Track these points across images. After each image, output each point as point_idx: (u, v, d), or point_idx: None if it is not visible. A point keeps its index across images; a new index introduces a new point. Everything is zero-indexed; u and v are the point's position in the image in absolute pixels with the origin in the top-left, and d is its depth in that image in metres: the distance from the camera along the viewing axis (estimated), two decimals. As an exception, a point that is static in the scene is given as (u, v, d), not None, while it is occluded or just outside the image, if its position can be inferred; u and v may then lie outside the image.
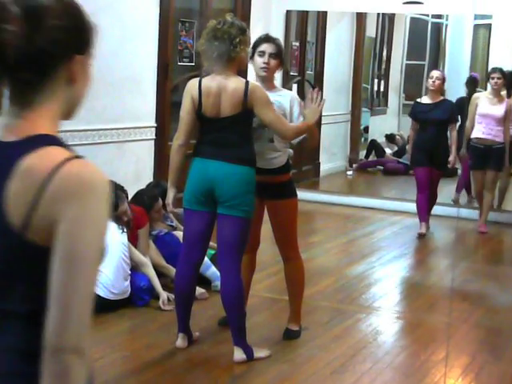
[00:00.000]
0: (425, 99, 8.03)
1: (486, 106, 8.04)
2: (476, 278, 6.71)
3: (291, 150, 4.93)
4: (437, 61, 12.08)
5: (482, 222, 8.09)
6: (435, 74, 7.93)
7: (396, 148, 11.96)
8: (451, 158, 7.84)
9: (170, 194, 4.55)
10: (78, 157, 1.43)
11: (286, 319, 4.87)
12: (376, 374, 4.44)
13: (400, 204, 8.94)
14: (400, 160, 11.20)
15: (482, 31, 11.19)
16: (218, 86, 4.26)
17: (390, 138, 12.14)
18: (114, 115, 6.91)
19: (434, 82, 7.73)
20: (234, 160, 4.22)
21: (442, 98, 7.85)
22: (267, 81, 4.60)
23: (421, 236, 7.79)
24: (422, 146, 7.85)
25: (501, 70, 8.10)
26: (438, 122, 7.73)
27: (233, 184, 4.21)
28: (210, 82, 4.29)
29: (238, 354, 4.42)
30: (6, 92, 1.48)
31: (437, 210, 7.84)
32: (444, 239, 7.90)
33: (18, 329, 1.44)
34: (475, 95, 8.41)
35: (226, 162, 4.21)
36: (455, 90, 9.92)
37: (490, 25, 10.89)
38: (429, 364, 4.61)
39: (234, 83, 4.24)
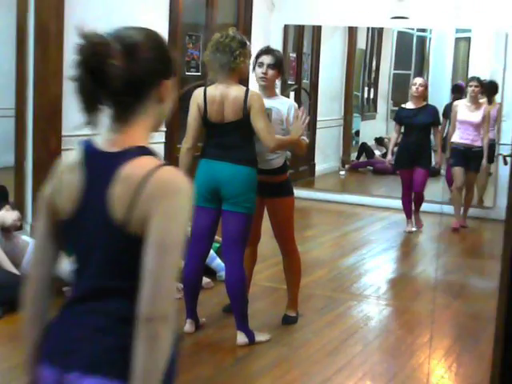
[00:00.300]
0: (409, 105, 7.88)
1: (465, 112, 7.94)
2: (457, 269, 6.73)
3: (289, 153, 4.94)
4: (421, 70, 12.08)
5: (459, 218, 8.05)
6: (418, 81, 7.83)
7: (384, 150, 11.93)
8: (437, 159, 7.88)
9: None
10: (165, 164, 1.67)
11: (285, 306, 4.89)
12: (366, 356, 4.47)
13: (388, 201, 8.95)
14: (385, 160, 11.21)
15: (463, 44, 11.19)
16: (221, 95, 4.29)
17: (379, 141, 12.13)
18: (127, 120, 6.93)
19: (417, 88, 7.62)
20: (237, 161, 4.25)
21: (424, 103, 7.74)
22: (267, 89, 4.63)
23: (409, 233, 7.80)
24: (406, 148, 7.77)
25: (478, 79, 8.03)
26: (421, 126, 7.62)
27: (237, 183, 4.24)
28: (214, 90, 4.32)
29: (241, 338, 4.44)
30: (107, 111, 1.71)
31: (423, 206, 7.82)
32: (428, 233, 7.90)
33: (117, 300, 1.68)
34: (455, 103, 8.32)
35: (231, 162, 4.24)
36: (438, 97, 9.96)
37: (470, 38, 10.92)
38: (414, 346, 4.63)
39: (236, 91, 4.27)
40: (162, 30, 7.33)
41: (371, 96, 12.78)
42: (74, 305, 1.77)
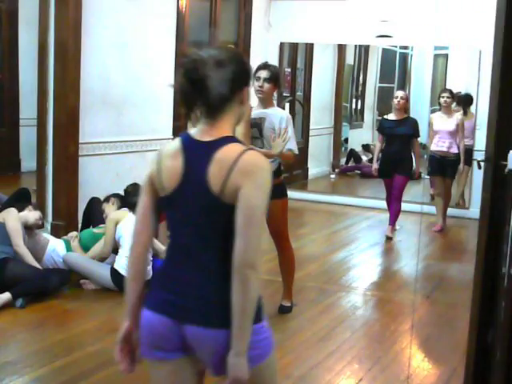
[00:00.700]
0: (391, 116, 7.62)
1: (440, 122, 7.84)
2: (436, 263, 6.73)
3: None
4: (404, 84, 12.08)
5: (440, 223, 7.93)
6: (399, 93, 7.59)
7: (370, 156, 11.90)
8: (415, 169, 7.63)
9: None
10: (250, 149, 1.98)
11: (280, 297, 4.89)
12: (354, 342, 4.47)
13: (374, 202, 8.94)
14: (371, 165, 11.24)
15: (441, 60, 11.19)
16: None
17: (366, 148, 12.11)
18: (137, 129, 6.92)
19: (398, 101, 7.38)
20: None
21: (405, 115, 7.49)
22: (263, 101, 4.67)
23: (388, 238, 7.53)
24: (388, 157, 7.53)
25: (450, 91, 7.97)
26: (402, 137, 7.38)
27: None
28: None
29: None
30: (201, 110, 2.01)
31: (405, 207, 7.77)
32: (410, 231, 7.90)
33: (214, 256, 1.96)
34: (431, 115, 8.25)
35: None
36: (419, 109, 9.95)
37: (447, 55, 10.91)
38: (397, 333, 4.63)
39: None
40: (170, 47, 7.35)
41: (358, 107, 12.77)
42: (179, 262, 2.02)
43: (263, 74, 4.61)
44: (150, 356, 2.05)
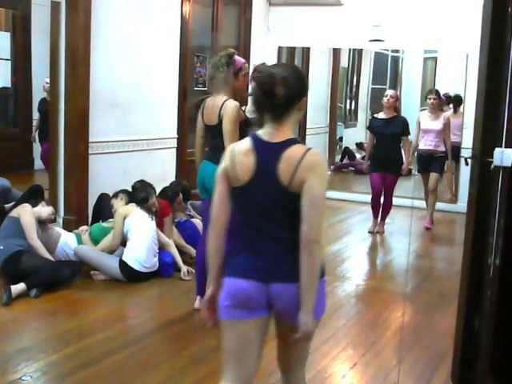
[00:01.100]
0: (381, 115, 7.32)
1: (427, 122, 7.65)
2: (426, 255, 6.74)
3: None
4: (395, 85, 12.06)
5: (428, 219, 7.78)
6: (389, 92, 7.33)
7: (364, 153, 11.92)
8: (404, 166, 7.31)
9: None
10: (310, 148, 2.30)
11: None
12: (349, 329, 4.48)
13: (367, 196, 8.82)
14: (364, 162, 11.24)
15: (430, 63, 11.18)
16: (210, 103, 4.38)
17: (360, 146, 12.10)
18: (144, 129, 6.93)
19: (388, 99, 7.13)
20: (217, 161, 4.23)
21: (395, 114, 7.21)
22: None
23: (371, 233, 7.39)
24: (378, 155, 7.28)
25: (436, 92, 7.80)
26: (391, 135, 7.12)
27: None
28: (208, 100, 4.42)
29: None
30: (269, 116, 2.33)
31: (396, 201, 7.76)
32: (401, 224, 7.90)
33: (285, 230, 2.32)
34: (419, 114, 8.03)
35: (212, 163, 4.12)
36: (409, 108, 9.92)
37: (436, 58, 10.91)
38: (389, 321, 4.64)
39: (217, 101, 4.31)
40: (174, 51, 7.35)
41: (352, 107, 12.77)
42: (255, 237, 2.36)
43: None
44: (229, 316, 2.38)
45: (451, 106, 9.04)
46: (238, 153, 2.38)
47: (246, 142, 2.38)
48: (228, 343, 2.44)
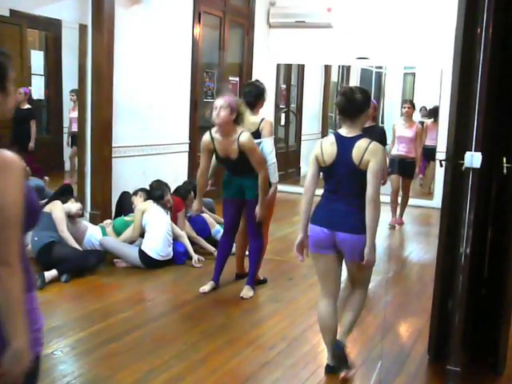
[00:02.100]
0: None
1: (401, 129, 7.25)
2: (405, 245, 6.73)
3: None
4: (378, 97, 12.03)
5: (398, 216, 7.40)
6: None
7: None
8: (384, 175, 6.56)
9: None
10: (372, 141, 2.99)
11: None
12: (338, 309, 4.46)
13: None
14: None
15: (409, 77, 11.16)
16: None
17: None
18: (160, 135, 6.93)
19: None
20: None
21: (373, 123, 6.44)
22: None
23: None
24: None
25: (410, 101, 7.49)
26: None
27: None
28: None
29: (247, 291, 4.47)
30: (346, 119, 3.08)
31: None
32: (383, 218, 7.86)
33: (354, 195, 3.01)
34: (395, 122, 7.64)
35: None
36: (391, 118, 9.90)
37: (414, 73, 10.88)
38: (373, 302, 4.62)
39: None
40: (186, 67, 7.35)
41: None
42: (332, 200, 3.08)
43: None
44: (313, 251, 3.16)
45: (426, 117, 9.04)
46: (325, 144, 3.10)
47: (331, 137, 3.10)
48: (317, 270, 3.25)
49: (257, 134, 4.39)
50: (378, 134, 6.06)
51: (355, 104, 3.00)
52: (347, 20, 8.76)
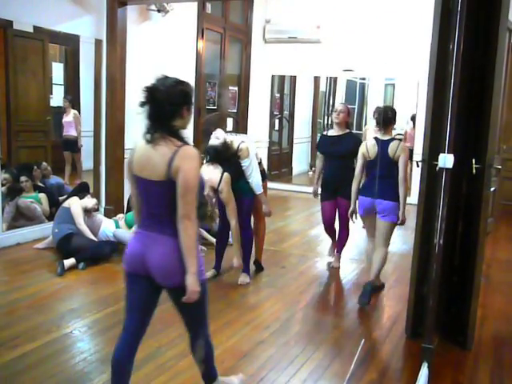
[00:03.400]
0: (331, 132, 4.92)
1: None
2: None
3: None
4: (362, 105, 12.06)
5: None
6: (339, 107, 4.89)
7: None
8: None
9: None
10: (401, 140, 4.04)
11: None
12: (325, 294, 4.49)
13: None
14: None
15: (390, 88, 11.16)
16: None
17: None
18: (167, 138, 6.91)
19: (338, 114, 4.80)
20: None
21: (347, 130, 4.84)
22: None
23: (329, 266, 5.16)
24: (327, 180, 4.89)
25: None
26: (340, 155, 4.74)
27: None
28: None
29: (244, 278, 4.49)
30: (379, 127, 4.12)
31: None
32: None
33: (389, 174, 4.01)
34: (366, 127, 7.16)
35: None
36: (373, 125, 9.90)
37: (394, 84, 10.88)
38: (358, 286, 4.61)
39: None
40: (190, 77, 7.34)
41: (329, 122, 12.74)
42: (372, 178, 4.10)
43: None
44: (361, 215, 4.27)
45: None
46: (369, 145, 4.12)
47: (372, 140, 4.11)
48: (364, 224, 4.40)
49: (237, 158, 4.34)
50: (351, 144, 4.69)
51: (388, 119, 4.12)
52: (334, 36, 8.76)
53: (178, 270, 2.10)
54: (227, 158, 4.24)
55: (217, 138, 4.33)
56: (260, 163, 4.58)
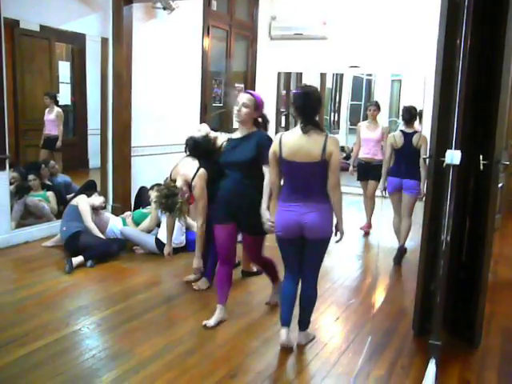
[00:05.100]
0: (236, 133, 3.73)
1: (366, 131, 6.33)
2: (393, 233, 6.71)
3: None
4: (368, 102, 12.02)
5: (366, 223, 6.56)
6: (240, 98, 3.71)
7: (344, 154, 11.91)
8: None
9: None
10: (421, 132, 5.08)
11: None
12: (333, 290, 4.47)
13: (345, 188, 8.85)
14: (346, 162, 11.14)
15: (396, 84, 11.10)
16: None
17: (341, 149, 12.05)
18: (173, 136, 6.92)
19: (239, 110, 3.65)
20: None
21: (254, 129, 3.54)
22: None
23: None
24: (223, 198, 3.99)
25: (376, 103, 6.44)
26: (238, 164, 3.55)
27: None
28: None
29: (201, 283, 4.28)
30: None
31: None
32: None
33: (415, 165, 4.99)
34: (359, 124, 6.58)
35: None
36: (378, 120, 9.86)
37: (401, 80, 10.83)
38: (364, 283, 4.63)
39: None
40: (197, 75, 7.33)
41: (336, 119, 12.72)
42: (400, 163, 5.08)
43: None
44: (391, 192, 5.20)
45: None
46: (396, 136, 5.05)
47: (399, 132, 5.04)
48: (391, 199, 5.23)
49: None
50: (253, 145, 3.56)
51: (411, 116, 5.05)
52: (340, 32, 8.73)
53: (327, 227, 3.03)
54: (206, 152, 3.96)
55: (199, 130, 4.25)
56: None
